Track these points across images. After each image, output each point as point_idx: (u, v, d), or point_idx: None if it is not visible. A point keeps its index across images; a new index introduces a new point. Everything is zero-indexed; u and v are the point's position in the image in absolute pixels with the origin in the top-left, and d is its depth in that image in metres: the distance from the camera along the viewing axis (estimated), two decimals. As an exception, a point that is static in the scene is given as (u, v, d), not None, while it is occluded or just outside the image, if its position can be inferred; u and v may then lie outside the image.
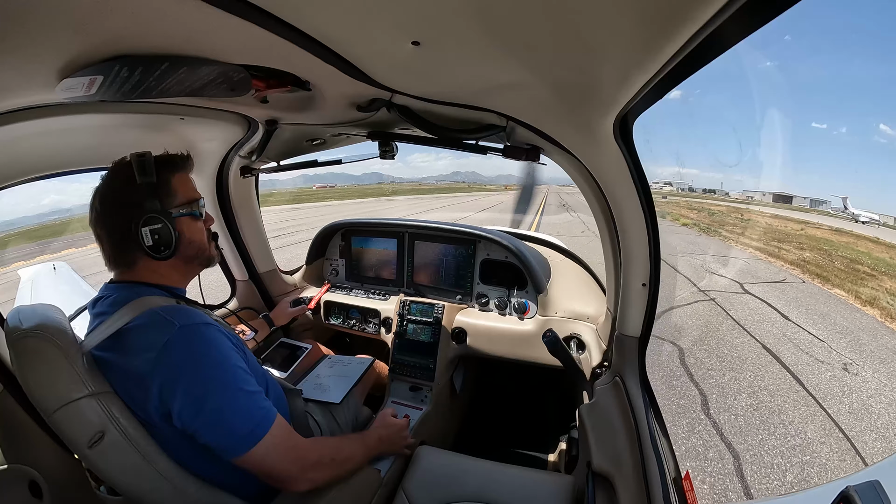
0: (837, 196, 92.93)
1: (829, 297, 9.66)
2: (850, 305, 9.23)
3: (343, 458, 1.26)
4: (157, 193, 1.12)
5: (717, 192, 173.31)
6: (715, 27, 0.53)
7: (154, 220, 1.09)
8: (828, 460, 3.66)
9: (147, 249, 1.09)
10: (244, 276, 2.41)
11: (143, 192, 1.10)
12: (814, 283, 11.10)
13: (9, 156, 1.25)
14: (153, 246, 1.10)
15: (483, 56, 0.80)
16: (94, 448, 0.96)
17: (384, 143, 1.57)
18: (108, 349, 1.04)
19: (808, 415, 4.30)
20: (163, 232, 1.10)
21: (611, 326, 1.61)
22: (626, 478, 1.18)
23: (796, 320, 7.23)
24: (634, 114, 0.96)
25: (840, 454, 3.77)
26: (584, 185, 1.38)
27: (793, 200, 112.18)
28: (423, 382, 2.13)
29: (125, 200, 1.09)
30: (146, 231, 1.08)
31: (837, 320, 7.80)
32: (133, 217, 1.08)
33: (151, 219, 1.09)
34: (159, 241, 1.10)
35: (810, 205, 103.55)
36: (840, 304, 9.18)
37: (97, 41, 0.69)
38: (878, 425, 4.27)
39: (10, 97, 0.91)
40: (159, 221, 1.10)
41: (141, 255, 1.12)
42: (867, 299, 9.60)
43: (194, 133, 1.60)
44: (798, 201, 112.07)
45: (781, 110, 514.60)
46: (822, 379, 5.09)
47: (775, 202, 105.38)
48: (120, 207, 1.09)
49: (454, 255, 2.35)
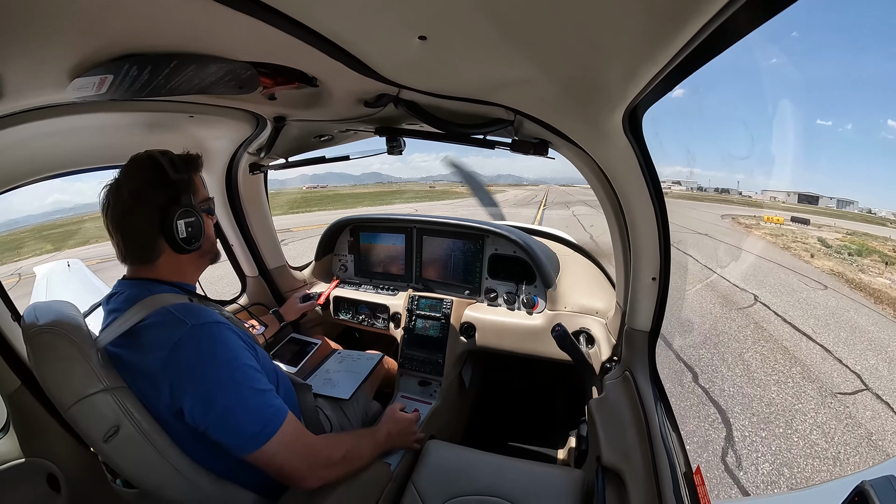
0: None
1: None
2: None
3: (353, 455, 1.27)
4: (187, 189, 1.17)
5: (732, 192, 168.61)
6: (724, 19, 0.53)
7: (189, 213, 1.15)
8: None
9: (180, 242, 1.13)
10: (254, 272, 2.43)
11: (178, 187, 1.15)
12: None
13: (22, 155, 1.27)
14: (186, 238, 1.14)
15: (489, 51, 0.79)
16: (110, 442, 0.98)
17: (392, 139, 1.57)
18: (122, 346, 1.06)
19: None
20: (195, 225, 1.16)
21: (620, 321, 1.60)
22: (636, 472, 1.17)
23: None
24: (644, 107, 0.95)
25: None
26: (593, 179, 1.37)
27: (819, 201, 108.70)
28: (432, 377, 2.13)
29: (159, 194, 1.12)
30: (181, 223, 1.12)
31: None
32: (169, 210, 1.11)
33: (186, 212, 1.14)
34: (191, 234, 1.15)
35: (837, 206, 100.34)
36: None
37: (107, 41, 0.70)
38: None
39: (23, 98, 0.92)
40: (193, 215, 1.15)
41: (166, 249, 1.14)
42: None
43: (203, 131, 1.61)
44: (824, 202, 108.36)
45: (793, 105, 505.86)
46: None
47: (800, 203, 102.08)
48: (153, 201, 1.11)
49: (462, 250, 2.35)
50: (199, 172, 1.26)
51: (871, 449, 3.93)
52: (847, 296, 10.13)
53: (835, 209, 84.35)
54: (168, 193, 1.13)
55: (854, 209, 74.19)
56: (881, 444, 4.00)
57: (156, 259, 1.15)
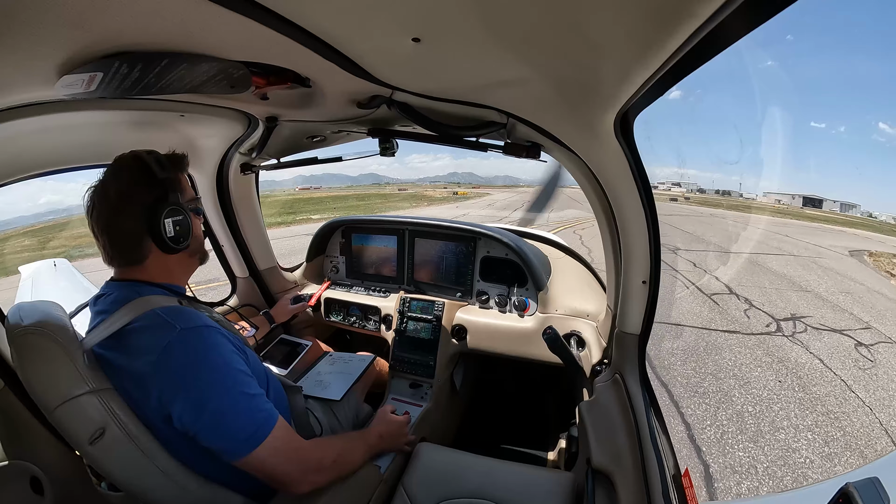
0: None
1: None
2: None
3: (344, 459, 1.26)
4: (174, 188, 1.16)
5: (733, 195, 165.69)
6: (717, 23, 0.53)
7: (176, 211, 1.13)
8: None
9: (167, 241, 1.11)
10: (245, 273, 2.41)
11: (165, 186, 1.13)
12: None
13: (9, 153, 1.25)
14: (174, 237, 1.12)
15: (483, 52, 0.79)
16: (95, 444, 0.97)
17: (385, 140, 1.57)
18: (109, 348, 1.04)
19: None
20: (183, 224, 1.15)
21: (611, 324, 1.61)
22: (625, 475, 1.18)
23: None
24: (635, 111, 0.96)
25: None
26: (585, 182, 1.38)
27: (823, 204, 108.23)
28: (423, 379, 2.13)
29: (146, 194, 1.10)
30: (169, 222, 1.11)
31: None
32: (156, 209, 1.09)
33: (174, 210, 1.12)
34: (179, 233, 1.13)
35: (840, 209, 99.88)
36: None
37: (96, 37, 0.69)
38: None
39: (10, 94, 0.91)
40: (181, 213, 1.14)
41: (153, 249, 1.12)
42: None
43: (194, 130, 1.60)
44: (828, 205, 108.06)
45: (783, 108, 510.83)
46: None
47: (804, 206, 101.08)
48: (140, 200, 1.09)
49: (454, 252, 2.35)
50: (186, 172, 1.25)
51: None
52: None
53: (839, 213, 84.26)
54: (155, 192, 1.11)
55: (857, 213, 74.11)
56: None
57: (143, 260, 1.14)
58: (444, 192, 64.04)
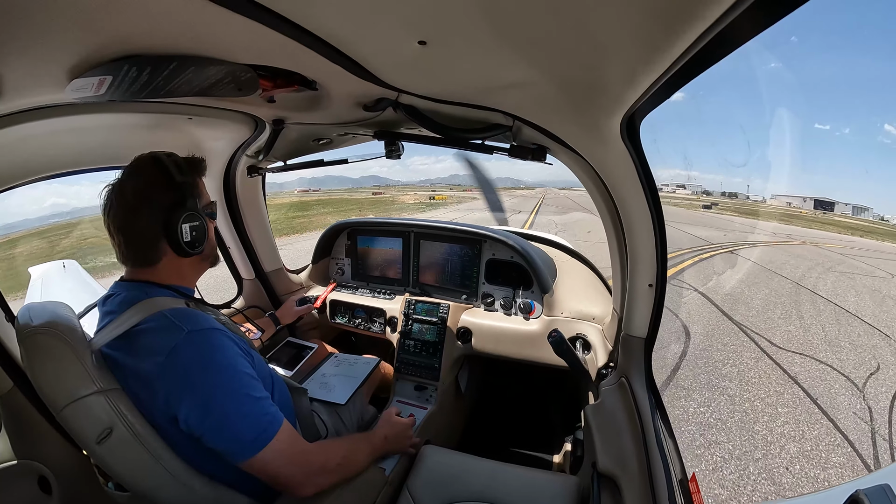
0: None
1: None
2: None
3: (349, 461, 1.26)
4: (192, 193, 1.16)
5: (741, 196, 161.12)
6: (724, 25, 0.52)
7: (194, 217, 1.14)
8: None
9: (183, 245, 1.12)
10: (251, 275, 2.42)
11: (183, 190, 1.14)
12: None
13: (19, 155, 1.26)
14: (189, 242, 1.13)
15: (490, 54, 0.79)
16: (103, 444, 0.97)
17: (390, 143, 1.57)
18: (118, 348, 1.05)
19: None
20: (199, 229, 1.16)
21: (617, 327, 1.60)
22: (631, 479, 1.17)
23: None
24: (642, 113, 0.95)
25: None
26: (591, 185, 1.38)
27: (835, 207, 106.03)
28: (428, 382, 2.13)
29: (163, 196, 1.11)
30: (186, 227, 1.12)
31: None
32: (174, 213, 1.10)
33: (192, 216, 1.13)
34: (195, 238, 1.14)
35: (852, 212, 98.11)
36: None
37: (106, 41, 0.70)
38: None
39: (21, 97, 0.92)
40: (198, 219, 1.15)
41: (168, 252, 1.13)
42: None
43: (202, 132, 1.61)
44: (839, 208, 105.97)
45: (789, 109, 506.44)
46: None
47: (816, 209, 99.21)
48: (157, 202, 1.10)
49: (460, 254, 2.35)
50: (203, 175, 1.25)
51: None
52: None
53: (851, 216, 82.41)
54: (173, 196, 1.12)
55: (869, 216, 72.31)
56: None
57: (157, 261, 1.14)
58: (422, 197, 63.71)
